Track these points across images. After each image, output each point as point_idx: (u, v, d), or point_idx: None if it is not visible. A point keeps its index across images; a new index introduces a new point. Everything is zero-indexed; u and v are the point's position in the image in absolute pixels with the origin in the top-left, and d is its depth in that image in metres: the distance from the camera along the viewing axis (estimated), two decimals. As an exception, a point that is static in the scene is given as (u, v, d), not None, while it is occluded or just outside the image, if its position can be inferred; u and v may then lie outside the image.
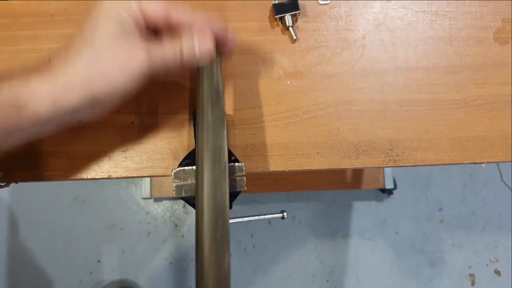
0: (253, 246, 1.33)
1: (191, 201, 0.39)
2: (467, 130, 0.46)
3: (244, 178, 0.38)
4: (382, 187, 1.22)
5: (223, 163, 0.34)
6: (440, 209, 1.36)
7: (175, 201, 1.35)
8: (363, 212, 1.36)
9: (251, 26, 0.47)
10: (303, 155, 0.45)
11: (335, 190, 1.31)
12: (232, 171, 0.39)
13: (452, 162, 0.46)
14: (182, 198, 0.39)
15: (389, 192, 1.30)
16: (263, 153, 0.45)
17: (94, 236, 1.31)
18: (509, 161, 0.46)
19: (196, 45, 0.37)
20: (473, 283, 1.31)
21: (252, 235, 1.33)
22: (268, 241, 1.33)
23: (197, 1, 0.47)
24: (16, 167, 0.44)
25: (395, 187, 1.25)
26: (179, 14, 0.37)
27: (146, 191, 1.23)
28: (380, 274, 1.32)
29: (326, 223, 1.35)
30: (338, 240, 1.34)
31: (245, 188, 0.38)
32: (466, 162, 0.46)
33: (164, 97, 0.46)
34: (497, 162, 0.46)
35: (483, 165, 0.46)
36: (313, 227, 1.35)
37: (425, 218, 1.35)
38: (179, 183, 0.39)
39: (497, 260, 1.32)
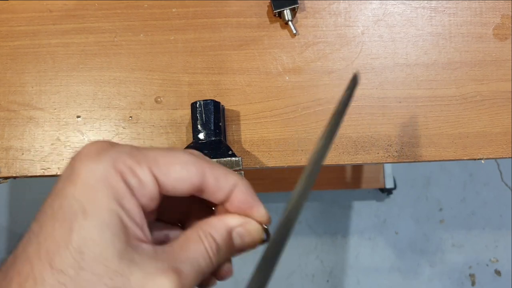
0: (253, 246, 1.32)
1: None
2: (467, 126, 0.46)
3: (242, 172, 0.38)
4: (382, 186, 1.22)
5: None
6: (440, 209, 1.36)
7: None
8: (363, 212, 1.36)
9: (250, 21, 0.47)
10: (302, 151, 0.45)
11: (335, 189, 1.31)
12: (229, 165, 0.38)
13: (452, 158, 0.46)
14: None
15: (388, 191, 1.30)
16: (262, 149, 0.45)
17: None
18: (508, 157, 0.46)
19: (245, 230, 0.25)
20: (473, 283, 1.30)
21: (252, 235, 1.33)
22: (268, 241, 1.33)
23: (197, 0, 0.48)
24: (14, 161, 0.44)
25: (395, 186, 1.25)
26: (220, 181, 0.24)
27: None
28: (380, 274, 1.31)
29: (326, 223, 1.35)
30: (338, 240, 1.34)
31: (244, 183, 0.38)
32: (465, 158, 0.46)
33: (162, 92, 0.46)
34: (496, 158, 0.46)
35: (482, 161, 0.46)
36: (313, 227, 1.34)
37: (425, 218, 1.35)
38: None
39: (497, 260, 1.31)
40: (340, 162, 0.45)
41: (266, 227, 0.26)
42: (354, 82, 0.31)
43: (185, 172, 0.23)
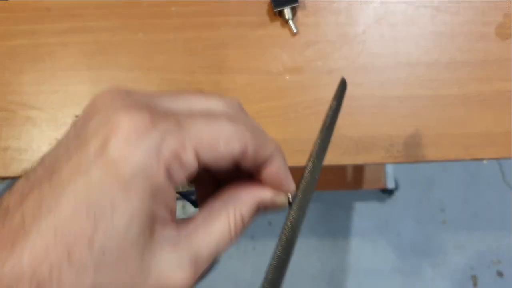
0: (253, 248, 1.32)
1: (189, 197, 0.38)
2: (469, 126, 0.46)
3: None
4: (383, 187, 1.21)
5: None
6: (442, 210, 1.35)
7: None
8: (365, 213, 1.35)
9: (250, 20, 0.47)
10: (302, 151, 0.45)
11: (336, 190, 1.30)
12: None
13: (454, 159, 0.45)
14: (180, 193, 0.38)
15: (390, 192, 1.30)
16: (262, 149, 0.45)
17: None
18: (510, 158, 0.45)
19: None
20: (475, 285, 1.30)
21: (252, 237, 1.32)
22: (268, 243, 1.32)
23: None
24: (12, 162, 0.44)
25: (397, 187, 1.25)
26: (258, 154, 0.22)
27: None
28: (381, 276, 1.31)
29: (326, 224, 1.34)
30: (339, 242, 1.33)
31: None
32: (467, 158, 0.45)
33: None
34: (498, 159, 0.45)
35: (485, 161, 0.45)
36: (313, 228, 1.34)
37: (427, 219, 1.34)
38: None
39: (499, 262, 1.31)
40: (341, 163, 0.45)
41: (290, 197, 0.25)
42: (342, 88, 0.29)
43: (229, 149, 0.21)
